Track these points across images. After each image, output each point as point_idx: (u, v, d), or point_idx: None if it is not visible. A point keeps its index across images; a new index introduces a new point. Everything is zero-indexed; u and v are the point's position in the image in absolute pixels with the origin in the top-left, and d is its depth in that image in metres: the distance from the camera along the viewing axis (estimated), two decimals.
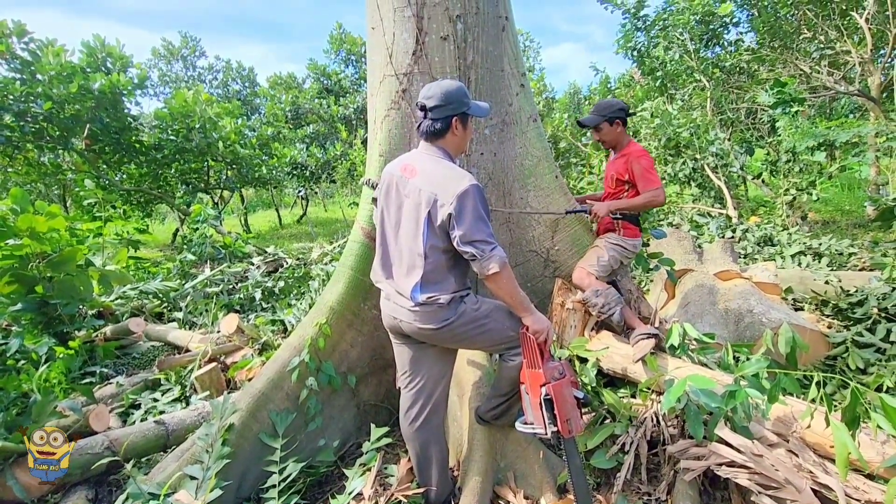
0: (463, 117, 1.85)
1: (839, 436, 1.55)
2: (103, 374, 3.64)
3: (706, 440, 1.99)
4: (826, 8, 8.34)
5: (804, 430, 2.00)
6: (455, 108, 1.82)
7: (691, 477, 1.97)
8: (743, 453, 1.87)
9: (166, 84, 24.60)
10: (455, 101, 1.81)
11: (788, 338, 2.05)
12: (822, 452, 1.95)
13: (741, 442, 1.90)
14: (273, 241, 11.39)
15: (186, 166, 10.12)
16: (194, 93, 9.38)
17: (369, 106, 2.91)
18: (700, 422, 1.99)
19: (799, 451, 1.92)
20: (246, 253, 7.00)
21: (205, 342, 3.74)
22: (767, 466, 1.81)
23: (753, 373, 1.90)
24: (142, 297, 5.01)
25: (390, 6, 2.62)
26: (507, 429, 2.25)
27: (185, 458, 2.20)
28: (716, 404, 1.77)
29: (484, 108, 1.92)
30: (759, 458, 1.85)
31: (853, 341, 3.13)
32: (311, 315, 2.67)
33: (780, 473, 1.79)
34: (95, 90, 7.70)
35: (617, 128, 2.81)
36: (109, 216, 7.72)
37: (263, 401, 2.37)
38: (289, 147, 13.27)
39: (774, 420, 2.05)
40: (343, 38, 17.72)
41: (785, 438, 1.99)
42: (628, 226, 2.81)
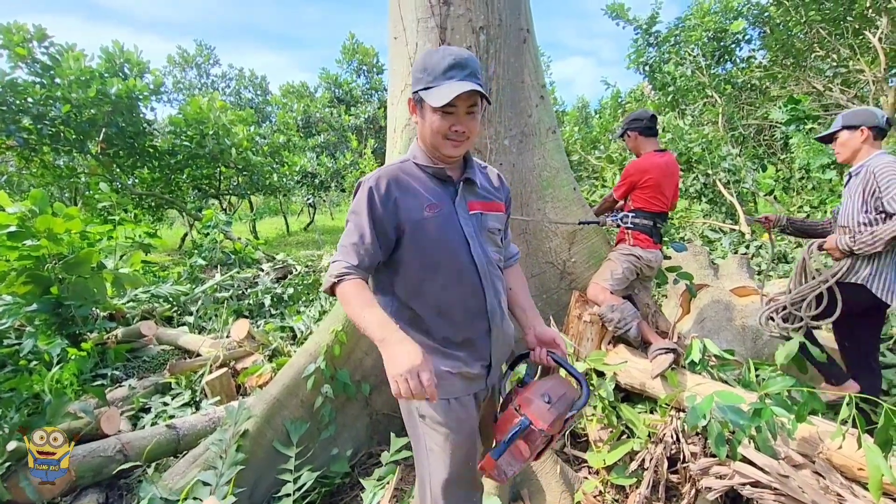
0: (415, 99, 1.35)
1: (872, 458, 1.51)
2: (114, 376, 3.64)
3: (729, 459, 1.94)
4: (839, 27, 8.36)
5: (830, 451, 1.95)
6: (413, 85, 1.35)
7: (714, 496, 1.92)
8: (768, 473, 1.83)
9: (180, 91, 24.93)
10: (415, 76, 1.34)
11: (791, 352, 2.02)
12: (850, 475, 1.90)
13: (766, 462, 1.86)
14: (280, 247, 11.43)
15: (198, 172, 10.22)
16: (209, 100, 9.51)
17: (389, 114, 2.92)
18: (723, 440, 1.95)
19: (825, 473, 1.87)
20: (255, 259, 7.03)
21: (215, 347, 3.73)
22: (794, 488, 1.76)
23: (778, 391, 1.87)
24: (153, 300, 5.02)
25: (414, 16, 2.64)
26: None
27: (198, 463, 2.18)
28: (743, 421, 1.73)
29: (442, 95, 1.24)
30: (785, 478, 1.80)
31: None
32: (327, 322, 2.66)
33: (807, 495, 1.74)
34: (112, 95, 7.83)
35: (630, 140, 2.91)
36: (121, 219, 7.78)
37: (278, 407, 2.35)
38: (299, 155, 13.38)
39: (799, 440, 2.00)
40: (356, 49, 17.92)
41: (811, 459, 1.95)
42: (639, 235, 2.80)
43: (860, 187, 2.36)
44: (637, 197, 2.81)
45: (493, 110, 2.71)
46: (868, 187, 2.32)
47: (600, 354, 2.50)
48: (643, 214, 2.80)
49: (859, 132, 2.43)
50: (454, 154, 1.35)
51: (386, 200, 1.32)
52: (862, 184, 2.35)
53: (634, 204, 2.82)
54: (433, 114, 1.28)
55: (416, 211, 1.33)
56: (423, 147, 1.40)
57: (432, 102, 1.25)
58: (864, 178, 2.34)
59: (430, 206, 1.34)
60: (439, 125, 1.29)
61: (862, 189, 2.35)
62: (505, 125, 2.76)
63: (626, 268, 2.72)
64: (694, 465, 2.02)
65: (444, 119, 1.28)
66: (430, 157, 1.40)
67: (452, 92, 1.23)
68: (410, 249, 1.34)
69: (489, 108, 2.70)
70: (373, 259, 1.32)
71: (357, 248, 1.30)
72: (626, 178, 2.82)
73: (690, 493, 2.07)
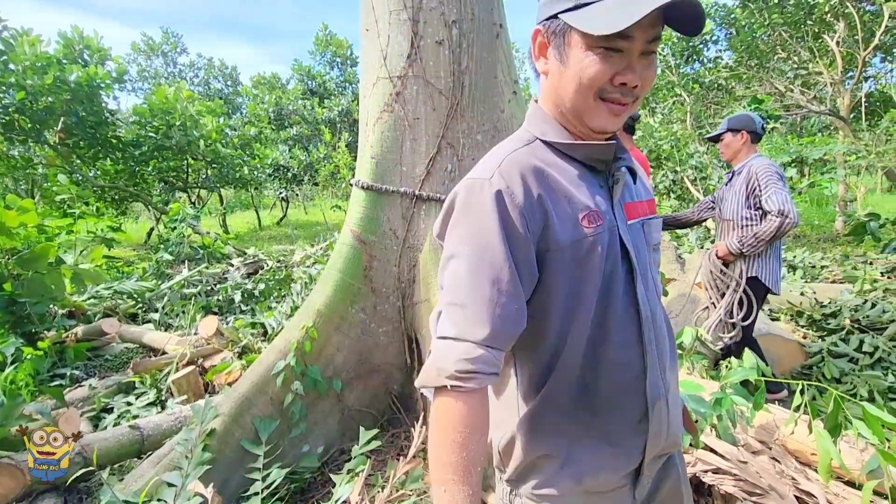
0: (549, 30, 0.82)
1: (822, 443, 1.58)
2: (74, 376, 3.50)
3: (692, 447, 2.01)
4: (800, 30, 8.68)
5: (785, 438, 2.04)
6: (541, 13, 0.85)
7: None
8: (728, 460, 1.90)
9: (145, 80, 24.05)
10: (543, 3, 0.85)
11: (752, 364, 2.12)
12: (803, 459, 1.99)
13: (727, 449, 1.93)
14: (252, 242, 11.19)
15: (165, 164, 9.90)
16: (176, 89, 9.20)
17: (361, 107, 2.89)
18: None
19: (781, 458, 1.96)
20: (225, 254, 6.86)
21: (182, 344, 3.63)
22: (752, 473, 1.84)
23: (738, 381, 1.94)
24: (116, 296, 4.85)
25: (385, 8, 2.61)
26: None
27: (163, 464, 2.12)
28: (705, 410, 1.79)
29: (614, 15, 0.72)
30: (744, 464, 1.88)
31: (828, 351, 3.22)
32: (298, 318, 2.62)
33: (765, 480, 1.82)
34: (71, 82, 7.49)
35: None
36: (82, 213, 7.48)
37: (247, 405, 2.30)
38: (271, 148, 13.10)
39: (757, 427, 2.09)
40: (329, 41, 17.63)
41: (768, 446, 2.04)
42: None
43: (743, 185, 2.68)
44: None
45: (465, 105, 2.71)
46: (750, 185, 2.64)
47: None
48: None
49: (740, 135, 2.76)
50: (609, 126, 0.82)
51: (530, 211, 0.79)
52: (745, 182, 2.67)
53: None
54: (586, 52, 0.76)
55: (568, 225, 0.81)
56: (557, 115, 0.88)
57: (593, 28, 0.73)
58: (747, 177, 2.66)
59: (587, 215, 0.82)
60: (596, 73, 0.76)
61: (745, 186, 2.66)
62: (478, 120, 2.76)
63: None
64: None
65: (606, 62, 0.75)
66: (572, 131, 0.87)
67: (635, 8, 0.69)
68: (550, 292, 0.83)
69: (462, 102, 2.70)
70: (517, 322, 0.78)
71: (489, 306, 0.75)
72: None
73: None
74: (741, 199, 2.70)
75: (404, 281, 2.77)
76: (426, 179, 2.70)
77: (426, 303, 2.65)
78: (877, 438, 1.43)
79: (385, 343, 2.77)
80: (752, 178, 2.62)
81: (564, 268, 0.81)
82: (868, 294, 3.93)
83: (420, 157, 2.71)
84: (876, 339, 3.18)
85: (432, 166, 2.70)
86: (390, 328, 2.78)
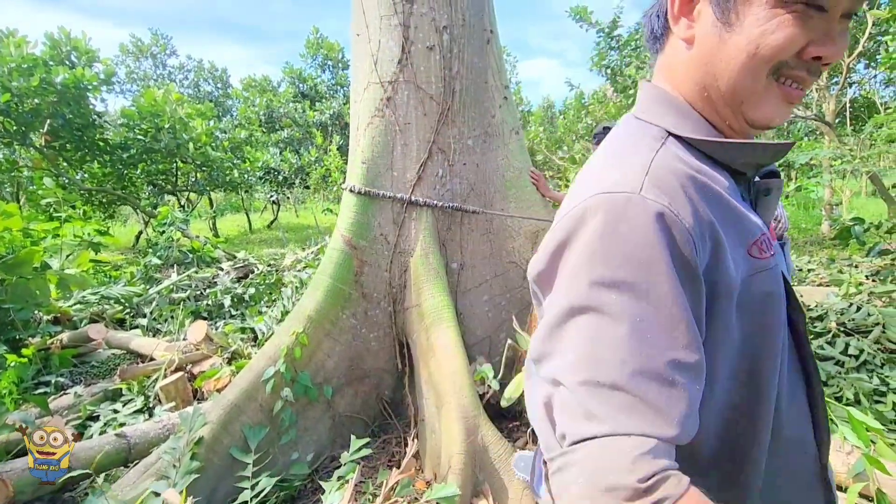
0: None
1: None
2: (59, 383, 3.44)
3: None
4: None
5: None
6: None
7: None
8: None
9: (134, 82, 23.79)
10: None
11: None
12: None
13: None
14: (242, 246, 11.11)
15: (154, 167, 9.80)
16: (165, 92, 9.12)
17: (352, 112, 2.88)
18: None
19: None
20: (215, 258, 6.80)
21: (171, 350, 3.58)
22: None
23: None
24: (103, 302, 4.78)
25: (376, 13, 2.61)
26: (487, 441, 2.23)
27: (150, 473, 2.09)
28: None
29: None
30: None
31: (815, 354, 3.26)
32: (288, 323, 2.60)
33: None
34: (58, 84, 7.39)
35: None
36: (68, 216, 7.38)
37: (236, 412, 2.28)
38: (262, 151, 13.02)
39: None
40: (320, 43, 17.59)
41: None
42: None
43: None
44: None
45: (456, 110, 2.72)
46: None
47: None
48: None
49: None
50: (777, 120, 0.61)
51: (702, 241, 0.55)
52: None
53: None
54: (773, 8, 0.55)
55: (739, 258, 0.60)
56: (699, 100, 0.65)
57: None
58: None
59: (758, 241, 0.62)
60: (786, 39, 0.55)
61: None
62: (469, 125, 2.77)
63: None
64: None
65: (802, 25, 0.55)
66: (717, 123, 0.65)
67: None
68: (724, 343, 0.59)
69: (453, 107, 2.70)
70: (696, 398, 0.52)
71: (668, 389, 0.49)
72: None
73: None
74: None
75: (395, 286, 2.77)
76: (417, 184, 2.70)
77: (417, 308, 2.65)
78: (862, 443, 1.45)
79: (376, 348, 2.76)
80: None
81: (738, 320, 0.58)
82: (853, 297, 3.98)
83: (411, 161, 2.71)
84: (861, 342, 3.22)
85: (423, 171, 2.70)
86: (381, 333, 2.77)
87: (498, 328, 2.93)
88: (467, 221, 2.83)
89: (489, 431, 2.23)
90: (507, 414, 2.79)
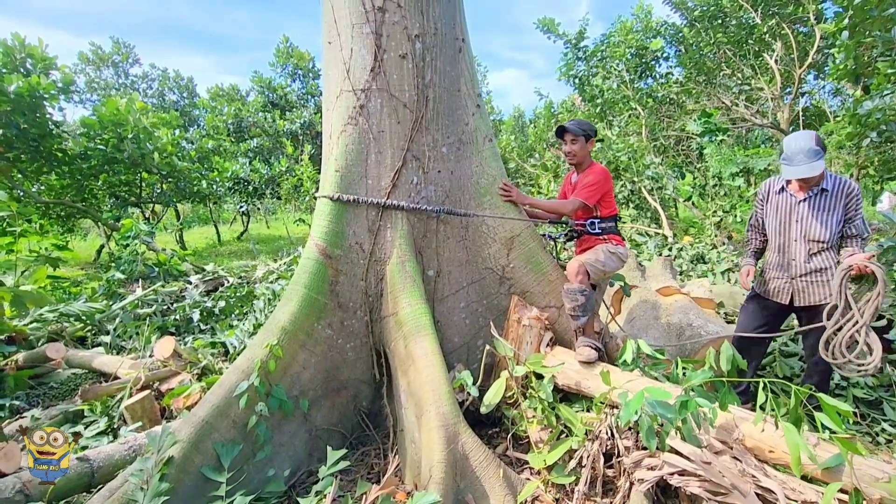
0: None
1: (791, 437, 1.65)
2: (14, 406, 3.25)
3: (659, 450, 2.06)
4: (742, 49, 9.24)
5: (743, 437, 2.12)
6: None
7: (646, 487, 2.02)
8: (693, 461, 1.95)
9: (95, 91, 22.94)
10: None
11: (728, 356, 2.20)
12: (761, 457, 2.07)
13: (691, 451, 1.99)
14: (211, 258, 10.80)
15: (116, 178, 9.45)
16: (128, 101, 8.83)
17: (324, 120, 2.86)
18: (653, 433, 2.06)
19: (741, 457, 2.03)
20: (182, 271, 6.58)
21: (136, 368, 3.44)
22: (715, 473, 1.89)
23: (699, 384, 2.01)
24: (62, 319, 4.55)
25: (348, 22, 2.60)
26: (468, 449, 2.22)
27: (115, 497, 1.99)
28: (670, 414, 1.84)
29: None
30: (707, 465, 1.93)
31: (780, 351, 3.39)
32: (261, 336, 2.53)
33: (727, 479, 1.88)
34: (11, 92, 7.06)
35: (591, 146, 2.92)
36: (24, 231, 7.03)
37: (207, 430, 2.19)
38: (231, 161, 12.75)
39: (718, 427, 2.16)
40: (290, 52, 17.43)
41: (729, 445, 2.10)
42: (614, 237, 2.91)
43: (840, 204, 2.65)
44: (605, 202, 2.88)
45: (430, 118, 2.72)
46: (848, 205, 2.65)
47: (539, 357, 2.57)
48: (611, 219, 2.92)
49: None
50: None
51: None
52: (841, 201, 2.67)
53: (603, 210, 2.89)
54: None
55: None
56: None
57: None
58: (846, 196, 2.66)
59: None
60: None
61: (842, 206, 2.64)
62: (442, 133, 2.78)
63: (608, 265, 2.79)
64: (627, 459, 2.12)
65: None
66: None
67: None
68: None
69: (426, 115, 2.71)
70: None
71: None
72: (597, 184, 2.80)
73: (625, 486, 2.17)
74: (839, 217, 2.60)
75: (371, 295, 2.74)
76: (392, 192, 2.69)
77: (394, 316, 2.62)
78: (835, 426, 1.50)
79: (353, 359, 2.72)
80: (853, 197, 2.59)
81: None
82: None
83: (385, 169, 2.70)
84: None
85: (398, 179, 2.70)
86: (358, 343, 2.73)
87: (476, 335, 2.93)
88: (443, 229, 2.83)
89: (469, 439, 2.22)
90: (486, 420, 2.78)
